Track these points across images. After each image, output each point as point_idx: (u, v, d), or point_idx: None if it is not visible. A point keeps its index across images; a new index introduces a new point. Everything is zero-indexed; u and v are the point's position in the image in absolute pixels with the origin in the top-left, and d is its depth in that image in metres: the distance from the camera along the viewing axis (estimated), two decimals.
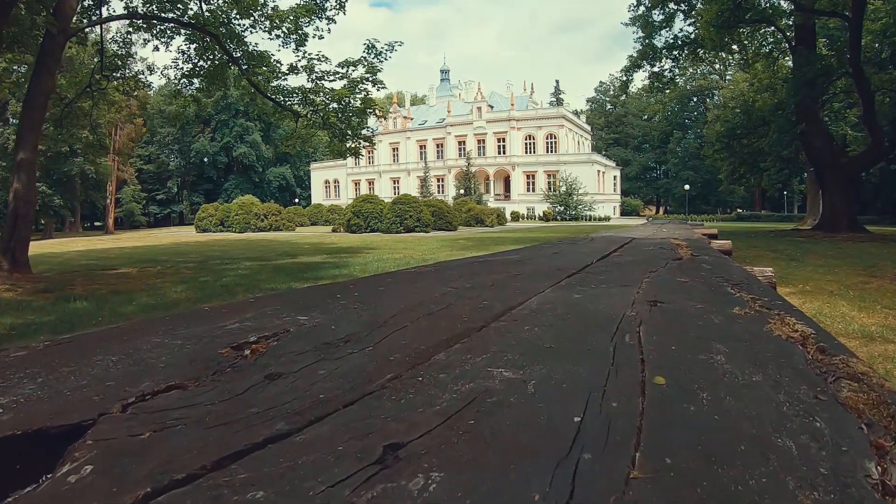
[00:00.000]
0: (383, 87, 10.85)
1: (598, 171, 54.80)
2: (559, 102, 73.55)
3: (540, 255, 2.09)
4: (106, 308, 5.21)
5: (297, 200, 68.37)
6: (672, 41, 21.30)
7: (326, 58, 10.42)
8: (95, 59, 12.25)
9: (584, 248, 2.48)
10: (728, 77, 61.65)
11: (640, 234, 4.26)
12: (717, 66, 56.21)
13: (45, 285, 7.24)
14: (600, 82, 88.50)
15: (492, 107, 59.11)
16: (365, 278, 1.63)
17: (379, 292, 1.32)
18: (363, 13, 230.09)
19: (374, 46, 10.18)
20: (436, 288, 1.37)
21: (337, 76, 10.48)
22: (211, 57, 11.20)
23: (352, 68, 10.33)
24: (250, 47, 10.35)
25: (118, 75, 12.74)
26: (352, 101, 10.57)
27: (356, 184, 68.14)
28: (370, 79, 10.31)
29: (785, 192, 54.18)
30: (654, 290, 1.27)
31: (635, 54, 21.88)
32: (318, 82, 10.51)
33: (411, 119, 65.77)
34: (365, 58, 10.28)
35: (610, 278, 1.50)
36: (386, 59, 10.43)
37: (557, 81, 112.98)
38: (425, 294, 1.27)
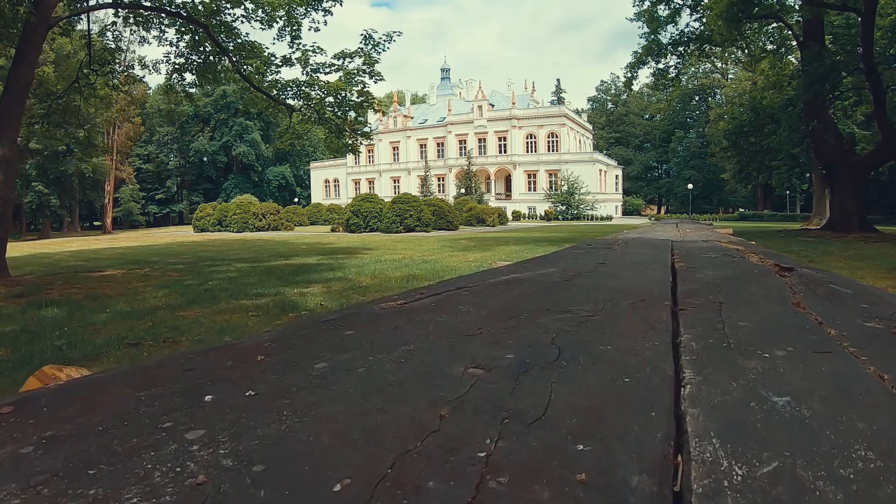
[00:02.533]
0: (381, 80, 10.36)
1: (600, 170, 54.38)
2: (560, 101, 73.01)
3: (582, 267, 1.55)
4: (76, 316, 4.77)
5: (296, 200, 68.03)
6: (678, 37, 20.83)
7: (322, 49, 9.94)
8: (83, 53, 11.78)
9: (627, 254, 1.96)
10: (730, 76, 61.21)
11: (667, 234, 3.80)
12: (720, 65, 55.88)
13: (21, 289, 6.79)
14: (601, 81, 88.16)
15: (493, 105, 58.66)
16: (307, 324, 0.93)
17: (315, 377, 0.65)
18: (363, 13, 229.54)
19: (371, 37, 9.68)
20: (440, 366, 0.73)
21: (333, 68, 10.00)
22: (203, 50, 10.73)
23: (348, 60, 9.85)
24: (241, 38, 9.87)
25: (108, 69, 12.26)
26: (348, 94, 10.10)
27: (356, 183, 67.72)
28: (367, 71, 9.82)
29: (788, 192, 53.78)
30: None
31: (640, 50, 21.39)
32: (314, 75, 10.03)
33: (412, 118, 65.32)
34: (362, 49, 9.79)
35: (756, 323, 0.89)
36: (384, 51, 9.95)
37: (558, 80, 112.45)
38: (413, 393, 0.62)
